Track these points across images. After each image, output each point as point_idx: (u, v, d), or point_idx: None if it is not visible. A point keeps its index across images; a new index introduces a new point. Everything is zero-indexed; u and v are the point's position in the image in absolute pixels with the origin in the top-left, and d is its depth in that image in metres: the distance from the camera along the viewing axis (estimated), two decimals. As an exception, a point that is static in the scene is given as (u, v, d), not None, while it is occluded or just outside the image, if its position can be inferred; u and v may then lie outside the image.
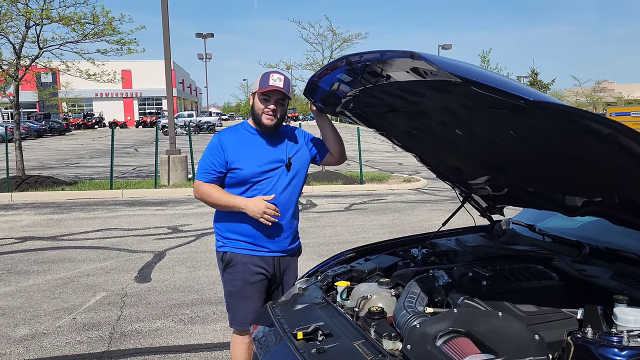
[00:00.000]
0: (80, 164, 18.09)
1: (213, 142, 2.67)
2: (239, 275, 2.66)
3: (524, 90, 1.47)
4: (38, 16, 11.05)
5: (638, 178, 1.65)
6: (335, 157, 2.91)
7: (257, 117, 2.65)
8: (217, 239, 2.76)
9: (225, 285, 2.74)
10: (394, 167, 16.49)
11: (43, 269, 5.89)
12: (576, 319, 1.81)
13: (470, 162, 2.70)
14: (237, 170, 2.61)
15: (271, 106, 2.61)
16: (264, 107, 2.61)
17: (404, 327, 1.76)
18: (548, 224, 2.87)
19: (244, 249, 2.67)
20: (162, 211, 9.52)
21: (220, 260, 2.74)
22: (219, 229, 2.74)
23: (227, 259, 2.69)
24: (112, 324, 4.29)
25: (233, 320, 2.74)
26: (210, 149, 2.65)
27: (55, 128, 40.46)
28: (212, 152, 2.64)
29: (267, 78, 2.59)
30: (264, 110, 2.62)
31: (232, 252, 2.68)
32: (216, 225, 2.76)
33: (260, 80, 2.62)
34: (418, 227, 7.68)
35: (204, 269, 5.78)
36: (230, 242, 2.69)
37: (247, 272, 2.65)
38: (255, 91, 2.66)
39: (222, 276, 2.76)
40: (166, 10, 12.42)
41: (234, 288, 2.69)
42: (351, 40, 14.90)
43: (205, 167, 2.64)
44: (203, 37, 54.45)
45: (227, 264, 2.69)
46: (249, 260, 2.66)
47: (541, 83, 41.28)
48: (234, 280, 2.68)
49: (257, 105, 2.64)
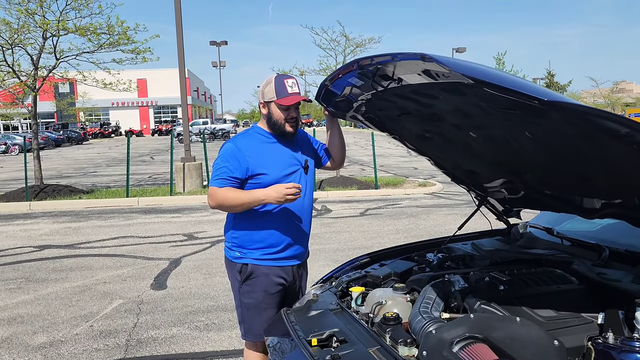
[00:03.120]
0: (97, 173, 18.32)
1: (229, 148, 2.57)
2: (259, 287, 2.59)
3: (538, 90, 1.44)
4: (55, 27, 11.25)
5: (658, 178, 1.61)
6: (336, 163, 2.93)
7: (279, 126, 2.58)
8: (233, 250, 2.65)
9: (243, 297, 2.63)
10: (409, 172, 16.40)
11: (61, 276, 5.95)
12: (597, 324, 1.77)
13: (485, 165, 2.67)
14: (261, 176, 2.53)
15: (293, 114, 2.57)
16: (285, 115, 2.55)
17: (420, 333, 1.74)
18: (566, 226, 2.82)
19: (266, 259, 2.59)
20: (178, 218, 9.58)
21: (237, 272, 2.63)
22: (237, 238, 2.63)
23: (248, 271, 2.59)
24: (128, 331, 4.31)
25: (249, 332, 2.66)
26: (227, 155, 2.55)
27: (73, 137, 41.11)
28: (229, 158, 2.54)
29: (284, 85, 2.53)
30: (286, 119, 2.56)
31: (253, 264, 2.59)
32: (232, 235, 2.65)
33: (275, 88, 2.53)
34: (434, 232, 7.62)
35: (219, 276, 5.79)
36: (251, 252, 2.60)
37: (268, 284, 2.59)
38: (271, 100, 2.56)
39: (238, 288, 2.65)
40: (180, 19, 12.56)
41: (252, 300, 2.61)
42: (364, 45, 14.92)
43: (221, 174, 2.53)
44: (217, 45, 54.93)
45: (248, 276, 2.60)
46: (271, 271, 2.60)
47: (557, 84, 40.85)
48: (253, 292, 2.60)
49: (276, 114, 2.56)
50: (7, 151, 31.94)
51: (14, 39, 11.13)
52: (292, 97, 2.53)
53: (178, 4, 12.50)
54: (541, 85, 2.09)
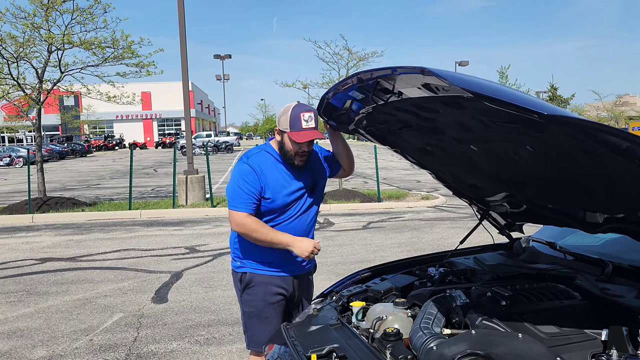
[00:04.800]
0: (100, 185, 18.36)
1: (245, 170, 2.51)
2: (258, 296, 2.62)
3: (538, 104, 1.43)
4: (60, 41, 11.35)
5: (661, 193, 1.60)
6: (347, 171, 2.94)
7: (288, 157, 2.54)
8: (235, 259, 2.71)
9: (244, 306, 2.68)
10: (412, 185, 16.38)
11: (62, 289, 5.93)
12: (600, 341, 1.74)
13: (487, 179, 2.65)
14: (267, 201, 2.52)
15: (305, 149, 2.51)
16: (296, 149, 2.50)
17: (421, 349, 1.71)
18: (569, 241, 2.79)
19: (264, 269, 2.62)
20: (180, 231, 9.56)
21: (238, 281, 2.68)
22: (238, 249, 2.68)
23: (246, 279, 2.63)
24: (128, 345, 4.28)
25: (251, 341, 2.68)
26: (245, 177, 2.50)
27: (77, 150, 41.32)
28: (248, 180, 2.49)
29: (299, 119, 2.45)
30: (297, 152, 2.51)
31: (251, 273, 2.63)
32: (234, 245, 2.70)
33: (290, 120, 2.46)
34: (437, 245, 7.58)
35: (220, 289, 5.76)
36: (250, 262, 2.64)
37: (267, 293, 2.61)
38: (284, 130, 2.50)
39: (240, 297, 2.70)
40: (184, 32, 12.66)
41: (253, 309, 2.63)
42: (367, 58, 14.93)
43: (244, 197, 2.48)
44: (221, 59, 55.42)
45: (247, 284, 2.64)
46: (269, 280, 2.62)
47: (560, 98, 40.84)
48: (253, 301, 2.63)
49: (287, 146, 2.52)
50: (11, 163, 32.10)
51: (20, 53, 11.23)
52: (305, 133, 2.45)
53: (182, 18, 12.61)
54: (544, 99, 2.09)
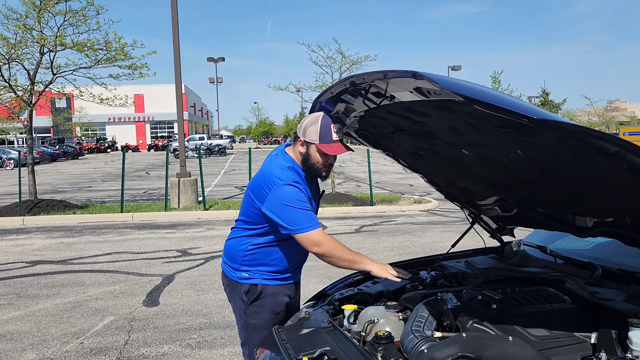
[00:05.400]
0: (92, 188, 18.25)
1: (294, 191, 2.34)
2: (267, 307, 2.51)
3: (528, 109, 1.45)
4: (52, 43, 11.30)
5: (649, 197, 1.61)
6: None
7: (314, 170, 2.44)
8: (240, 271, 2.54)
9: (250, 318, 2.52)
10: (405, 189, 16.42)
11: (52, 292, 5.89)
12: (590, 344, 1.76)
13: (478, 183, 2.67)
14: None
15: (331, 161, 2.43)
16: (324, 161, 2.42)
17: (412, 352, 1.71)
18: (560, 245, 2.81)
19: (275, 280, 2.53)
20: (172, 234, 9.53)
21: (244, 293, 2.51)
22: (249, 260, 2.52)
23: (257, 291, 2.50)
24: (119, 348, 4.25)
25: (252, 354, 2.52)
26: (298, 197, 2.33)
27: (68, 152, 41.03)
28: (302, 199, 2.34)
29: (329, 130, 2.35)
30: (324, 164, 2.43)
31: (262, 284, 2.50)
32: (243, 257, 2.53)
33: (320, 131, 2.35)
34: (429, 249, 7.60)
35: (212, 293, 5.74)
36: (261, 273, 2.51)
37: (275, 304, 2.53)
38: (312, 142, 2.38)
39: (244, 309, 2.53)
40: (177, 35, 12.64)
41: (260, 321, 2.51)
42: (360, 62, 14.98)
43: (308, 215, 2.33)
44: (214, 62, 55.32)
45: (257, 296, 2.50)
46: (278, 290, 2.54)
47: (552, 103, 41.16)
48: (261, 313, 2.51)
49: (315, 158, 2.41)
50: (2, 165, 31.84)
51: (11, 54, 11.17)
52: (337, 146, 2.37)
53: (175, 20, 12.59)
54: (536, 104, 2.10)
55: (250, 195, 2.48)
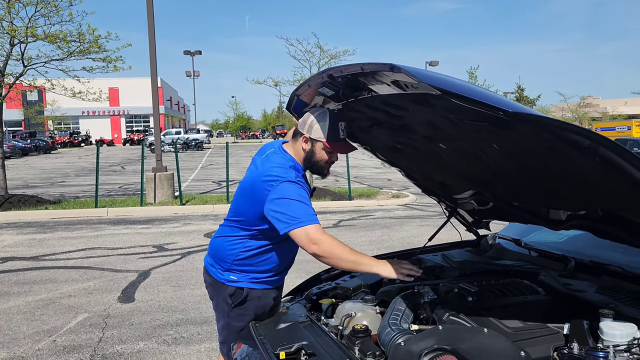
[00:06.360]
0: (65, 183, 17.88)
1: (299, 189, 2.23)
2: (251, 310, 2.46)
3: (503, 102, 1.46)
4: (23, 34, 10.99)
5: (620, 190, 1.64)
6: None
7: (317, 167, 2.37)
8: (228, 271, 2.46)
9: (233, 321, 2.47)
10: (383, 183, 16.50)
11: (24, 290, 5.75)
12: (562, 334, 1.78)
13: (455, 177, 2.69)
14: None
15: (335, 158, 2.38)
16: (329, 158, 2.36)
17: (389, 345, 1.72)
18: (534, 238, 2.86)
19: (261, 282, 2.48)
20: (148, 229, 9.40)
21: (228, 295, 2.45)
22: (239, 262, 2.44)
23: (243, 295, 2.44)
24: (93, 346, 4.18)
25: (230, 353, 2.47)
26: (300, 192, 2.22)
27: (41, 146, 40.11)
28: (305, 195, 2.23)
29: (337, 128, 2.29)
30: (327, 161, 2.37)
31: (248, 288, 2.45)
32: (234, 258, 2.45)
33: (328, 129, 2.28)
34: (407, 243, 7.66)
35: (189, 288, 5.69)
36: (249, 276, 2.45)
37: (259, 306, 2.48)
38: (318, 139, 2.31)
39: (227, 311, 2.48)
40: (152, 27, 12.43)
41: (243, 323, 2.45)
42: (339, 57, 14.94)
43: (308, 209, 2.18)
44: (191, 55, 54.68)
45: (243, 299, 2.45)
46: (264, 294, 2.50)
47: (527, 99, 41.86)
48: (245, 315, 2.46)
49: (320, 156, 2.34)
50: (-29, 160, 30.95)
51: (-20, 45, 10.83)
52: (345, 144, 2.34)
53: (151, 12, 12.37)
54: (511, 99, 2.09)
55: (247, 195, 2.37)
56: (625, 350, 1.57)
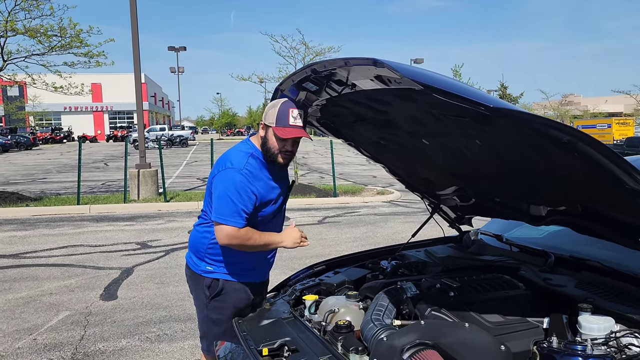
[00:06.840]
0: (47, 179, 17.61)
1: (240, 181, 2.30)
2: (229, 302, 2.47)
3: (485, 97, 1.47)
4: (2, 28, 10.79)
5: (599, 186, 1.67)
6: None
7: (270, 154, 2.38)
8: (204, 262, 2.50)
9: (211, 313, 2.48)
10: (368, 180, 16.55)
11: (4, 288, 5.65)
12: (542, 328, 1.81)
13: (438, 173, 2.70)
14: (262, 209, 2.41)
15: (289, 147, 2.38)
16: (280, 147, 2.36)
17: (371, 341, 1.73)
18: (515, 233, 2.89)
19: (238, 276, 2.49)
20: (131, 226, 9.30)
21: (206, 287, 2.48)
22: (213, 253, 2.48)
23: (219, 286, 2.46)
24: (74, 344, 4.13)
25: (210, 348, 2.51)
26: (239, 189, 2.29)
27: (21, 143, 39.46)
28: (243, 193, 2.30)
29: (287, 114, 2.30)
30: (280, 150, 2.37)
31: (224, 280, 2.46)
32: (208, 249, 2.49)
33: (278, 115, 2.31)
34: (391, 240, 7.68)
35: (172, 285, 5.64)
36: (224, 268, 2.48)
37: (237, 300, 2.48)
38: (270, 125, 2.35)
39: (205, 303, 2.50)
40: (135, 22, 12.28)
41: (221, 316, 2.46)
42: (323, 53, 14.92)
43: (238, 211, 2.29)
44: (175, 51, 54.24)
45: (219, 291, 2.46)
46: (241, 287, 2.49)
47: (510, 96, 42.23)
48: (223, 308, 2.47)
49: (271, 142, 2.36)
50: (-51, 156, 30.37)
51: (-42, 39, 10.62)
52: (292, 129, 2.31)
53: (134, 6, 12.22)
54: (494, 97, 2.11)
55: (210, 186, 2.45)
56: (602, 343, 1.60)
